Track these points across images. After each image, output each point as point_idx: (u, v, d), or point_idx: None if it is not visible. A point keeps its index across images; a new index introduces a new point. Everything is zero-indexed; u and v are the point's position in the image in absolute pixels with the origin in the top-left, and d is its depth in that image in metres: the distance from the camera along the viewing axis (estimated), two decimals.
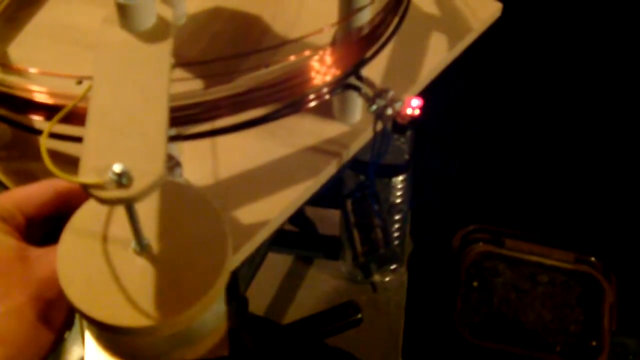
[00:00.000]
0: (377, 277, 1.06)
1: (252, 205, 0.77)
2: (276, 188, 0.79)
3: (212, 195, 0.65)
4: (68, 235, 0.60)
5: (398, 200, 1.37)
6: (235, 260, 0.72)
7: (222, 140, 0.80)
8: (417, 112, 0.77)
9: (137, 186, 0.51)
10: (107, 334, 0.61)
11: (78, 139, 0.61)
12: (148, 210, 0.60)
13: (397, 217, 1.40)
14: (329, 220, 1.61)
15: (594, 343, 1.64)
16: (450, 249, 1.77)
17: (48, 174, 0.53)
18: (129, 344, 0.62)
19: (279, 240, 1.48)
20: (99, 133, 0.55)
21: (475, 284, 1.69)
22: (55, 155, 0.54)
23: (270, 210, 0.77)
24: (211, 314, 0.62)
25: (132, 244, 0.58)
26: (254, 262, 1.37)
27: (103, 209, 0.61)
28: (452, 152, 1.95)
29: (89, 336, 0.64)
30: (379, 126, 0.82)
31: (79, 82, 0.73)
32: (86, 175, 0.51)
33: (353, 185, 1.05)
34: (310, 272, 1.57)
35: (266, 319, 1.45)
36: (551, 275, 1.72)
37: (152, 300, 0.55)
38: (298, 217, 1.62)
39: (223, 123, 0.73)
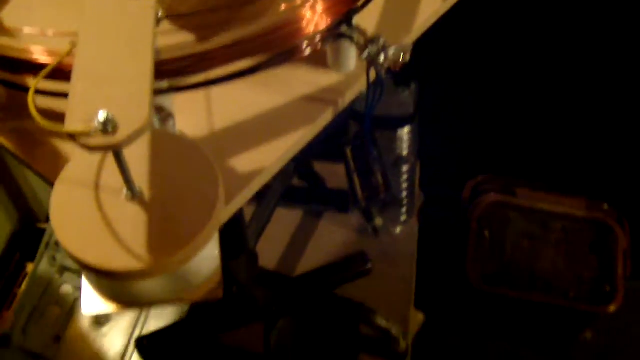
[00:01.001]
0: (378, 221, 1.07)
1: (247, 154, 0.77)
2: (271, 137, 0.79)
3: (207, 145, 0.67)
4: (60, 186, 0.61)
5: (405, 152, 1.37)
6: (231, 208, 0.73)
7: (216, 92, 0.81)
8: (407, 58, 0.77)
9: (122, 133, 0.52)
10: (103, 281, 0.63)
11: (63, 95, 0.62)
12: (140, 159, 0.61)
13: (404, 169, 1.40)
14: (338, 174, 1.61)
15: (607, 289, 1.64)
16: (460, 199, 1.77)
17: (43, 132, 0.54)
18: (125, 289, 0.63)
19: (289, 195, 1.50)
20: (85, 84, 0.56)
21: (486, 233, 1.69)
22: (51, 116, 0.56)
23: (266, 159, 0.77)
24: (204, 258, 0.63)
25: (124, 191, 0.60)
26: (263, 217, 1.39)
27: (94, 160, 0.62)
28: (460, 103, 1.95)
29: (85, 284, 0.66)
30: (373, 73, 0.82)
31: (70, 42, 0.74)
32: (73, 125, 0.53)
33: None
34: (320, 226, 1.58)
35: (276, 272, 1.46)
36: (563, 223, 1.72)
37: (144, 244, 0.57)
38: (307, 173, 1.63)
39: (215, 74, 0.74)
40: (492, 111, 1.93)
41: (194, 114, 0.81)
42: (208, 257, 0.65)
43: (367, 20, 0.85)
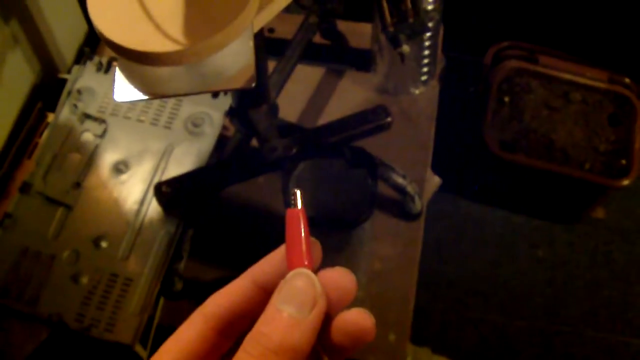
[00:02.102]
0: (405, 48, 1.05)
1: None
2: None
3: None
4: None
5: (430, 7, 1.34)
6: (269, 12, 0.71)
7: None
8: None
9: None
10: (137, 69, 0.61)
11: None
12: None
13: (430, 25, 1.37)
14: (361, 33, 1.59)
15: (623, 162, 1.64)
16: (482, 65, 1.75)
17: None
18: (160, 76, 0.62)
19: (311, 53, 1.48)
20: None
21: (506, 99, 1.68)
22: None
23: None
24: (238, 49, 0.62)
25: None
26: (285, 70, 1.37)
27: None
28: None
29: (119, 73, 0.64)
30: None
31: None
32: None
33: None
34: (342, 84, 1.57)
35: (296, 124, 1.46)
36: (584, 94, 1.70)
37: (179, 27, 0.56)
38: (330, 30, 1.60)
39: None
40: None
41: None
42: (242, 49, 0.63)
43: None
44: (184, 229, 1.27)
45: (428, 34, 1.40)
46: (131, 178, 1.31)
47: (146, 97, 0.62)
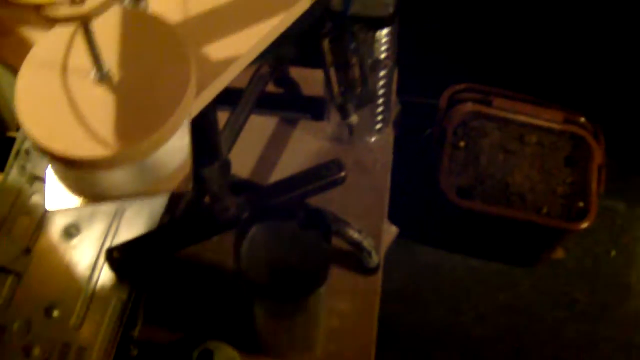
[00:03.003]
0: (354, 119, 1.03)
1: (222, 41, 0.73)
2: (247, 23, 0.74)
3: (181, 29, 0.62)
4: (26, 69, 0.57)
5: (382, 56, 1.32)
6: (203, 98, 0.69)
7: None
8: None
9: (90, 3, 0.48)
10: (69, 172, 0.58)
11: None
12: (109, 38, 0.56)
13: (382, 74, 1.35)
14: (314, 80, 1.57)
15: (581, 204, 1.63)
16: (437, 107, 1.73)
17: (9, 19, 0.50)
18: (92, 181, 0.59)
19: (263, 101, 1.45)
20: None
21: (462, 144, 1.66)
22: None
23: (241, 45, 0.73)
24: (174, 147, 0.59)
25: (92, 72, 0.55)
26: (237, 123, 1.34)
27: (63, 39, 0.57)
28: (439, 8, 1.90)
29: (51, 178, 0.61)
30: None
31: None
32: None
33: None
34: (295, 134, 1.54)
35: (249, 181, 1.43)
36: (540, 136, 1.69)
37: (111, 130, 0.53)
38: (282, 78, 1.58)
39: None
40: (471, 18, 1.88)
41: None
42: (177, 146, 0.61)
43: None
44: (137, 293, 1.24)
45: (382, 82, 1.38)
46: (82, 242, 1.27)
47: (81, 204, 0.59)
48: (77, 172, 0.58)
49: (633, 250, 1.89)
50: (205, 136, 1.09)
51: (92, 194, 0.60)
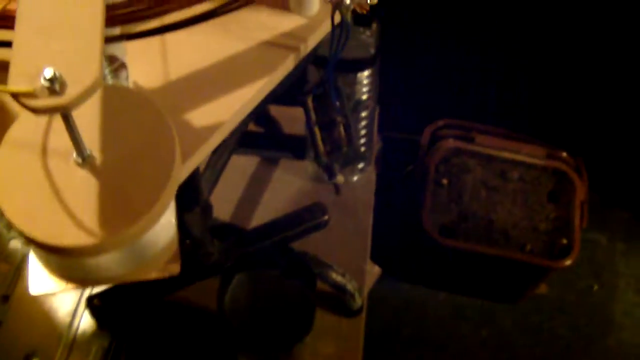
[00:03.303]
0: (340, 179, 1.02)
1: (204, 107, 0.71)
2: (230, 88, 0.73)
3: (162, 97, 0.60)
4: (4, 149, 0.55)
5: (364, 97, 1.32)
6: (188, 166, 0.67)
7: (170, 37, 0.74)
8: (374, 0, 0.71)
9: (70, 93, 0.46)
10: (53, 256, 0.56)
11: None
12: (89, 117, 0.55)
13: (363, 114, 1.35)
14: (294, 119, 1.56)
15: (564, 241, 1.62)
16: (418, 142, 1.72)
17: None
18: (76, 266, 0.57)
19: (244, 141, 1.44)
20: (29, 35, 0.49)
21: (444, 181, 1.65)
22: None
23: (225, 112, 0.71)
24: (160, 227, 0.57)
25: (73, 155, 0.54)
26: (217, 165, 1.33)
27: (42, 119, 0.56)
28: (420, 45, 1.89)
29: (33, 258, 0.60)
30: (338, 17, 0.76)
31: None
32: (16, 83, 0.46)
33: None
34: (276, 174, 1.53)
35: (231, 224, 1.41)
36: (522, 172, 1.68)
37: (95, 216, 0.51)
38: (262, 117, 1.57)
39: (171, 19, 0.68)
40: (452, 55, 1.88)
41: (147, 61, 0.74)
42: (163, 225, 0.59)
43: None
44: (118, 341, 1.22)
45: (363, 123, 1.38)
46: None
47: (65, 288, 0.58)
48: (60, 257, 0.56)
49: (615, 285, 1.88)
50: (186, 180, 1.08)
51: (77, 278, 0.58)
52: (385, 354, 1.75)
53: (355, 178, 1.51)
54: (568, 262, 1.59)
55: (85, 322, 1.23)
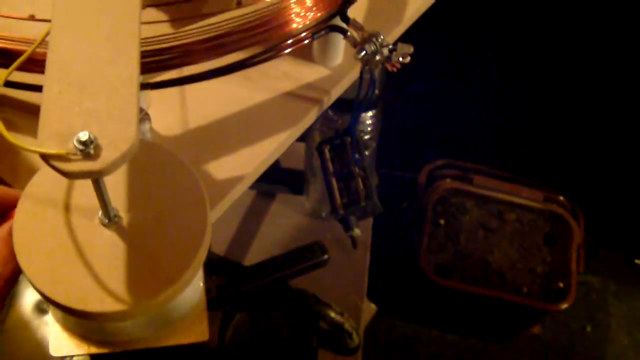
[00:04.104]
0: (357, 232, 1.00)
1: (225, 159, 0.69)
2: (253, 139, 0.71)
3: (182, 148, 0.58)
4: (25, 204, 0.52)
5: (367, 137, 1.31)
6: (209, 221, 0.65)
7: (192, 85, 0.72)
8: (407, 59, 0.70)
9: (106, 157, 0.43)
10: (74, 318, 0.54)
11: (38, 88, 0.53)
12: (115, 176, 0.52)
13: (366, 154, 1.33)
14: (293, 153, 1.54)
15: (560, 285, 1.61)
16: (416, 184, 1.71)
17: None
18: (99, 329, 0.55)
19: None
20: (60, 91, 0.46)
21: (442, 221, 1.64)
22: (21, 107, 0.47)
23: (247, 164, 0.70)
24: (188, 291, 0.55)
25: (99, 214, 0.51)
26: None
27: None
28: (421, 85, 1.89)
29: (53, 319, 0.57)
30: (366, 73, 0.75)
31: (31, 18, 0.65)
32: (46, 144, 0.43)
33: (327, 126, 0.98)
34: (273, 208, 1.51)
35: (228, 259, 1.39)
36: (519, 214, 1.68)
37: (123, 281, 0.49)
38: None
39: (195, 69, 0.66)
40: (452, 96, 1.88)
41: (167, 109, 0.72)
42: (191, 289, 0.57)
43: (352, 8, 0.77)
44: None
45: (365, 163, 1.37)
46: None
47: (87, 351, 0.56)
48: (82, 320, 0.54)
49: (608, 326, 1.88)
50: None
51: (99, 341, 0.56)
52: None
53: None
54: (564, 306, 1.58)
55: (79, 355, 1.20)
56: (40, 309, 1.23)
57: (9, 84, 0.61)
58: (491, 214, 1.66)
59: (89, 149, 0.43)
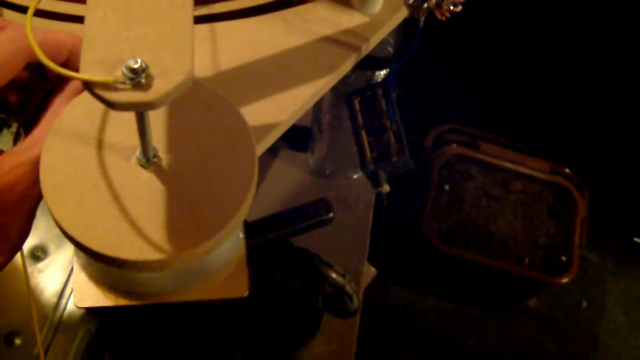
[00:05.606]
0: (386, 187, 0.95)
1: (258, 104, 0.64)
2: (288, 85, 0.66)
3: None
4: (54, 140, 0.46)
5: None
6: None
7: (223, 24, 0.68)
8: (459, 7, 0.66)
9: (159, 88, 0.38)
10: (101, 265, 0.49)
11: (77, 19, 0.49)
12: (156, 112, 0.48)
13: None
14: None
15: (563, 258, 1.58)
16: (422, 148, 1.68)
17: None
18: (129, 279, 0.50)
19: None
20: (105, 15, 0.41)
21: (447, 187, 1.61)
22: None
23: (281, 111, 0.65)
24: (230, 241, 0.50)
25: (137, 153, 0.47)
26: None
27: (98, 107, 0.48)
28: (432, 49, 1.85)
29: (77, 267, 0.53)
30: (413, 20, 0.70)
31: None
32: (91, 70, 0.38)
33: (359, 81, 0.94)
34: (275, 165, 1.47)
35: None
36: (524, 184, 1.64)
37: (163, 227, 0.44)
38: None
39: (225, 7, 0.61)
40: (463, 61, 1.84)
41: (197, 48, 0.67)
42: (231, 240, 0.52)
43: None
44: (106, 326, 1.16)
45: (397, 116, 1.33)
46: (49, 266, 1.19)
47: (114, 302, 0.51)
48: (113, 269, 0.49)
49: (603, 303, 1.86)
50: None
51: (127, 292, 0.51)
52: (371, 356, 1.71)
53: (355, 176, 1.45)
54: (565, 279, 1.56)
55: (73, 303, 1.17)
56: (34, 256, 1.19)
57: (40, 13, 0.56)
58: (496, 182, 1.63)
59: (139, 78, 0.38)
